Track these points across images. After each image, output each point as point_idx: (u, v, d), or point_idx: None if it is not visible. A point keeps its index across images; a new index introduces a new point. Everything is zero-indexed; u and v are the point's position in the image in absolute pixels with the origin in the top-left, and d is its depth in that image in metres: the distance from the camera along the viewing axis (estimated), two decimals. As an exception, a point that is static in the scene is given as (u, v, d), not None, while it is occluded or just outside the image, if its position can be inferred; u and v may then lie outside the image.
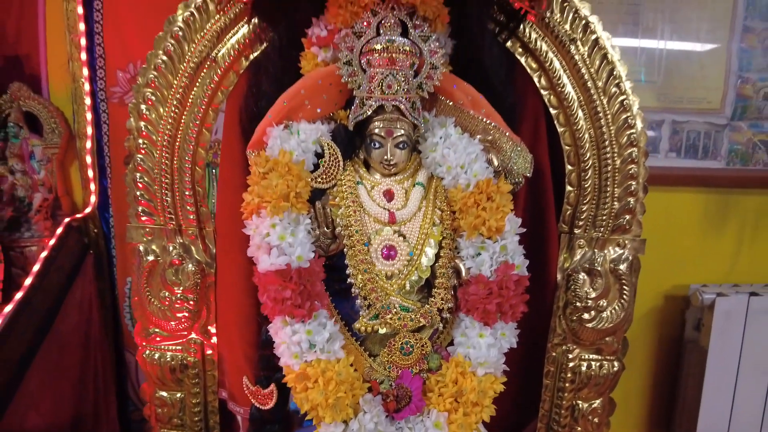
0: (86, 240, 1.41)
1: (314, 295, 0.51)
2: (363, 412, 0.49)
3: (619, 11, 1.36)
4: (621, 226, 0.72)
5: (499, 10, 0.65)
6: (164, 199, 0.70)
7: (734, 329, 1.38)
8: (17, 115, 1.40)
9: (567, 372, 0.77)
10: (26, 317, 1.21)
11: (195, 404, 0.76)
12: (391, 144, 0.57)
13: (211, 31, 0.67)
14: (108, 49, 1.40)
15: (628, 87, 0.70)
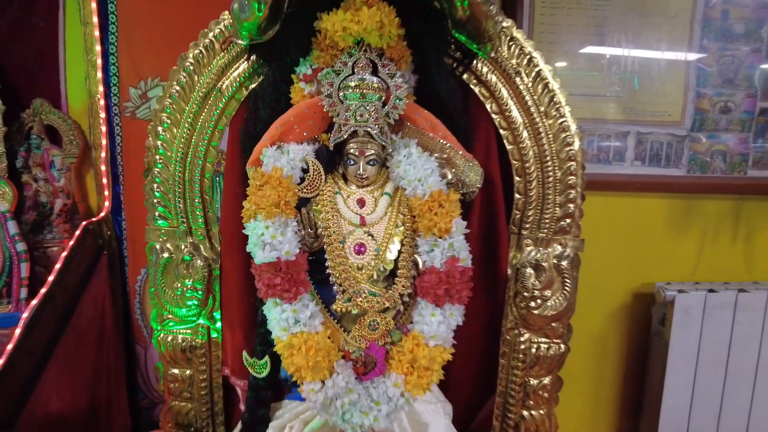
0: (101, 242, 1.55)
1: (299, 282, 0.65)
2: (336, 373, 0.62)
3: (587, 33, 1.50)
4: (563, 228, 0.86)
5: (456, 48, 0.79)
6: (177, 206, 0.84)
7: (693, 323, 1.50)
8: (39, 128, 1.54)
9: (519, 353, 0.90)
10: (49, 310, 1.34)
11: (202, 380, 0.90)
12: (363, 161, 0.71)
13: (216, 66, 0.82)
14: (121, 68, 1.54)
15: (567, 111, 0.84)
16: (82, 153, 1.56)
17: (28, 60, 1.55)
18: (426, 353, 0.65)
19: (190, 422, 0.93)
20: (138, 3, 1.48)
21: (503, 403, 0.93)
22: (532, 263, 0.86)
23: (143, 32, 1.50)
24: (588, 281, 1.59)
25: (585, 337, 1.64)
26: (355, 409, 0.61)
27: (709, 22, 1.48)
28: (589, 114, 1.52)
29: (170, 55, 1.46)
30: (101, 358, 1.51)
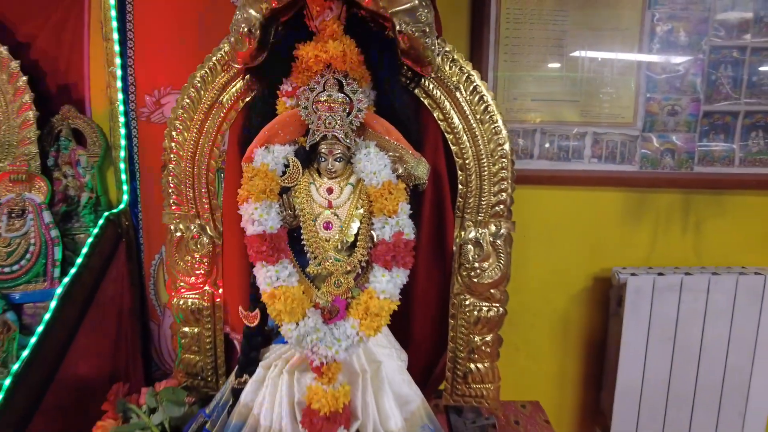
0: (120, 230, 1.76)
1: (280, 250, 0.87)
2: (308, 317, 0.84)
3: (547, 45, 1.70)
4: (497, 212, 1.07)
5: (408, 69, 1.01)
6: (187, 195, 1.07)
7: (644, 303, 1.70)
8: (67, 131, 1.76)
9: (465, 315, 1.12)
10: (77, 288, 1.56)
11: (207, 336, 1.13)
12: (332, 159, 0.93)
13: (218, 84, 1.04)
14: (138, 78, 1.76)
15: (500, 118, 1.05)
16: (104, 153, 1.79)
17: (58, 72, 1.78)
18: (377, 303, 0.87)
19: (198, 372, 1.16)
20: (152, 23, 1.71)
21: (453, 358, 1.15)
22: (472, 241, 1.08)
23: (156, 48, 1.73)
24: (552, 267, 1.81)
25: (551, 317, 1.85)
26: (321, 343, 0.84)
27: (656, 35, 1.68)
28: (550, 117, 1.73)
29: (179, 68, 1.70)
30: (120, 332, 1.73)
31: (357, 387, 0.88)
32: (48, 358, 1.43)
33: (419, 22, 0.88)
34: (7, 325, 1.36)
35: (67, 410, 1.46)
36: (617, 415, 1.75)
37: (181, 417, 1.06)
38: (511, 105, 1.71)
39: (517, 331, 1.86)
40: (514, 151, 1.08)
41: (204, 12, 1.67)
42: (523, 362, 1.87)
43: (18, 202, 1.52)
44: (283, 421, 0.86)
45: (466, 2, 1.69)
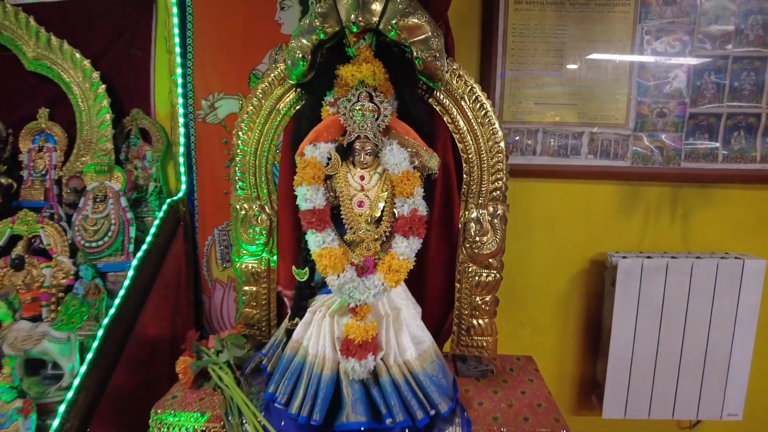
0: (179, 215, 2.11)
1: (325, 221, 1.19)
2: (345, 271, 1.16)
3: (548, 55, 1.98)
4: (494, 197, 1.37)
5: (424, 84, 1.32)
6: (250, 181, 1.40)
7: (633, 283, 1.95)
8: (136, 130, 2.12)
9: (468, 280, 1.42)
10: (147, 261, 1.89)
11: (263, 294, 1.46)
12: (363, 153, 1.24)
13: (276, 95, 1.37)
14: (195, 85, 2.10)
15: (496, 121, 1.35)
16: (166, 148, 2.14)
17: (128, 80, 2.14)
18: (397, 263, 1.18)
19: (255, 323, 1.49)
20: (208, 39, 2.05)
21: (458, 315, 1.45)
22: (474, 219, 1.38)
23: (211, 59, 2.08)
24: (553, 251, 2.09)
25: (552, 296, 2.13)
26: (356, 291, 1.15)
27: (646, 46, 1.94)
28: (551, 118, 2.01)
29: (230, 76, 2.06)
30: (178, 301, 2.07)
31: (382, 326, 1.20)
32: (126, 317, 1.78)
33: (431, 49, 1.19)
34: (98, 289, 1.72)
35: (140, 361, 1.80)
36: (610, 383, 2.02)
37: (241, 357, 1.39)
38: (517, 108, 2.00)
39: (523, 310, 2.15)
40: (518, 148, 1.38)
41: (251, 29, 2.01)
42: (528, 337, 2.15)
43: (101, 189, 1.87)
44: (326, 350, 1.18)
45: (477, 18, 1.98)
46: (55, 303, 1.73)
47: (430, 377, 1.19)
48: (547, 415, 1.23)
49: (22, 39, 2.01)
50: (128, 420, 1.65)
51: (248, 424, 1.18)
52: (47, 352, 1.57)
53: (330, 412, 1.16)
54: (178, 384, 1.35)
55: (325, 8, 1.20)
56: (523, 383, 1.38)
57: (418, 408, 1.15)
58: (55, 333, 1.57)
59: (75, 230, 1.85)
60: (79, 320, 1.62)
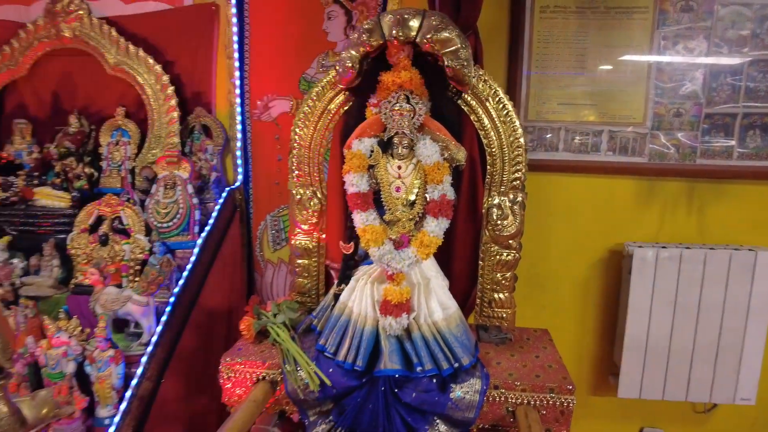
0: (236, 202, 2.40)
1: (368, 203, 1.44)
2: (384, 244, 1.41)
3: (571, 60, 2.18)
4: (514, 186, 1.59)
5: (453, 87, 1.55)
6: (305, 170, 1.67)
7: (648, 270, 2.13)
8: (199, 126, 2.42)
9: (490, 258, 1.65)
10: (209, 241, 2.19)
11: (314, 267, 1.73)
12: (401, 147, 1.48)
13: (327, 97, 1.63)
14: (251, 87, 2.39)
15: (516, 120, 1.57)
16: (225, 143, 2.44)
17: (193, 82, 2.45)
18: (428, 239, 1.42)
19: (306, 292, 1.76)
20: (263, 46, 2.34)
21: (481, 289, 1.68)
22: (496, 205, 1.60)
23: (265, 64, 2.36)
24: (574, 240, 2.29)
25: (572, 282, 2.33)
26: (393, 261, 1.40)
27: (663, 50, 2.12)
28: (573, 117, 2.21)
29: (282, 79, 2.34)
30: (234, 278, 2.37)
31: (414, 292, 1.44)
32: (192, 288, 2.08)
33: (460, 58, 1.42)
34: (169, 262, 2.02)
35: (203, 325, 2.09)
36: (625, 365, 2.20)
37: (294, 319, 1.65)
38: (541, 108, 2.21)
39: (544, 293, 2.35)
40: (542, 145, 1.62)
41: (301, 37, 2.29)
42: (549, 319, 2.35)
43: (171, 177, 2.18)
44: (368, 309, 1.43)
45: (505, 25, 2.20)
46: (133, 274, 2.05)
47: (455, 336, 1.43)
48: (556, 374, 1.45)
49: (105, 47, 2.34)
50: (193, 373, 1.96)
51: (302, 371, 1.45)
52: (130, 313, 1.89)
53: (370, 361, 1.41)
54: (242, 340, 1.63)
55: (371, 25, 1.45)
56: (537, 350, 1.60)
57: (443, 360, 1.39)
58: (137, 297, 1.88)
59: (149, 213, 2.16)
60: (156, 288, 1.93)
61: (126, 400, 1.67)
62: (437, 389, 1.38)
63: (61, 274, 2.08)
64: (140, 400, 1.74)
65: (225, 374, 1.53)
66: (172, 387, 1.88)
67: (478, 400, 1.38)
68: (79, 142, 2.36)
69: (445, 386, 1.39)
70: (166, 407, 1.84)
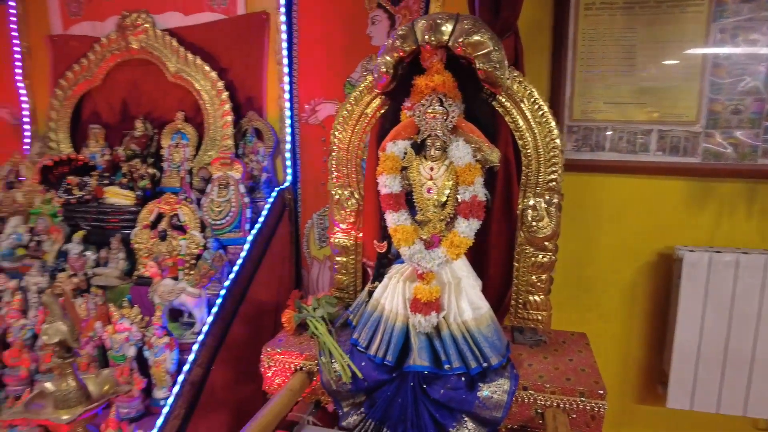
0: (285, 201, 2.51)
1: (400, 204, 1.49)
2: (415, 243, 1.45)
3: (618, 57, 2.12)
4: (550, 187, 1.58)
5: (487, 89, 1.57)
6: (343, 171, 1.74)
7: (700, 276, 2.04)
8: (251, 130, 2.55)
9: (525, 260, 1.64)
10: (259, 239, 2.30)
11: (351, 264, 1.79)
12: (433, 149, 1.52)
13: (365, 101, 1.69)
14: (300, 91, 2.50)
15: (552, 121, 1.55)
16: (275, 145, 2.56)
17: (245, 87, 2.58)
18: (458, 239, 1.44)
19: (344, 288, 1.83)
20: (310, 52, 2.43)
21: (516, 291, 1.68)
22: (531, 206, 1.60)
23: (313, 70, 2.46)
24: (621, 243, 2.24)
25: (619, 285, 2.27)
26: (423, 260, 1.44)
27: (721, 44, 2.01)
28: (620, 117, 2.14)
29: (328, 84, 2.43)
30: (283, 273, 2.48)
31: (444, 291, 1.47)
32: (242, 282, 2.20)
33: (492, 61, 1.44)
34: (221, 258, 2.16)
35: (251, 317, 2.21)
36: (675, 373, 2.12)
37: (332, 313, 1.72)
38: (586, 107, 2.16)
39: (590, 296, 2.31)
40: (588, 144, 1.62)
41: (346, 43, 2.37)
42: (595, 322, 2.30)
43: (224, 178, 2.32)
44: (399, 307, 1.48)
45: (549, 24, 2.17)
46: (188, 267, 2.20)
47: (484, 336, 1.45)
48: (588, 378, 1.43)
49: (166, 56, 2.52)
50: (240, 362, 2.08)
51: (336, 363, 1.52)
52: (184, 304, 2.04)
53: (400, 356, 1.46)
54: (283, 331, 1.72)
55: (404, 31, 1.49)
56: (572, 353, 1.58)
57: (471, 358, 1.41)
58: (190, 289, 2.03)
59: (204, 210, 2.31)
60: (208, 281, 2.07)
61: (179, 384, 1.81)
62: (465, 387, 1.41)
63: (126, 266, 2.27)
64: (191, 384, 1.87)
65: (266, 363, 1.63)
66: (221, 374, 2.01)
67: (506, 400, 1.40)
68: (143, 145, 2.56)
69: (474, 385, 1.41)
70: (216, 393, 1.98)
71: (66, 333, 1.30)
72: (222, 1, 2.51)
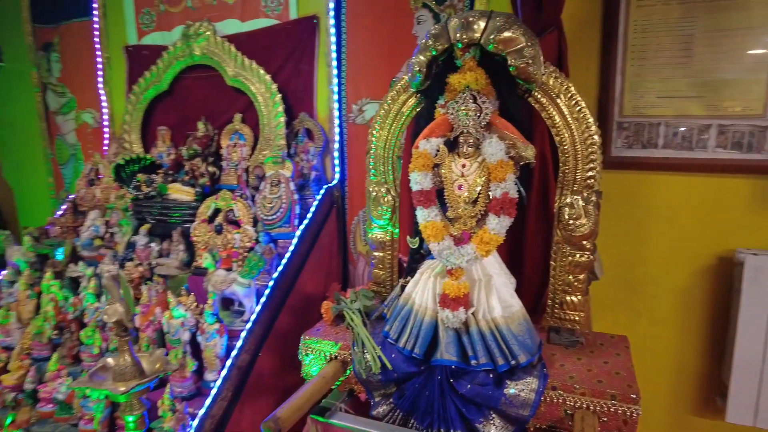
0: (332, 198, 2.59)
1: (431, 200, 1.51)
2: (444, 239, 1.46)
3: (673, 49, 2.02)
4: (588, 184, 1.53)
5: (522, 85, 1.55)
6: (380, 169, 1.78)
7: (764, 280, 1.91)
8: (302, 130, 2.66)
9: (562, 259, 1.60)
10: (307, 234, 2.39)
11: (388, 259, 1.83)
12: (466, 146, 1.52)
13: (400, 100, 1.72)
14: (348, 92, 2.56)
15: (590, 117, 1.51)
16: (324, 145, 2.65)
17: (297, 90, 2.69)
18: (488, 236, 1.44)
19: (381, 282, 1.87)
20: (357, 55, 2.49)
21: (553, 290, 1.64)
22: (568, 204, 1.56)
23: (360, 70, 2.51)
24: (674, 244, 2.13)
25: (673, 288, 2.16)
26: (452, 256, 1.45)
27: (792, 31, 1.86)
28: (675, 111, 2.04)
29: (375, 85, 2.48)
30: (330, 267, 2.56)
31: (474, 288, 1.47)
32: (290, 274, 2.30)
33: (524, 56, 1.42)
34: (271, 251, 2.27)
35: (298, 309, 2.31)
36: (735, 386, 1.99)
37: (369, 306, 1.77)
38: (638, 102, 2.07)
39: (640, 299, 2.21)
40: (639, 141, 1.55)
41: (392, 43, 2.41)
42: (645, 327, 2.20)
43: (276, 176, 2.44)
44: (428, 301, 1.50)
45: (598, 16, 2.10)
46: (242, 259, 2.33)
47: (514, 334, 1.44)
48: (621, 381, 1.38)
49: (225, 61, 2.68)
50: (287, 351, 2.17)
51: (368, 354, 1.56)
52: (235, 293, 2.16)
53: (430, 350, 1.48)
54: (321, 321, 1.79)
55: (437, 30, 1.51)
56: (608, 356, 1.53)
57: (499, 355, 1.40)
58: (241, 279, 2.15)
59: (257, 206, 2.44)
60: (257, 272, 2.18)
61: (226, 368, 1.93)
62: (493, 384, 1.40)
63: (185, 257, 2.44)
64: (239, 369, 1.99)
65: (303, 350, 1.71)
66: (268, 361, 2.11)
67: (533, 398, 1.38)
68: (204, 145, 2.74)
69: (501, 382, 1.41)
70: (262, 379, 2.08)
71: (122, 314, 1.43)
72: (276, 7, 2.63)
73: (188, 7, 2.78)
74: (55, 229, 2.73)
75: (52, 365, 2.09)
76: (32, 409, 2.06)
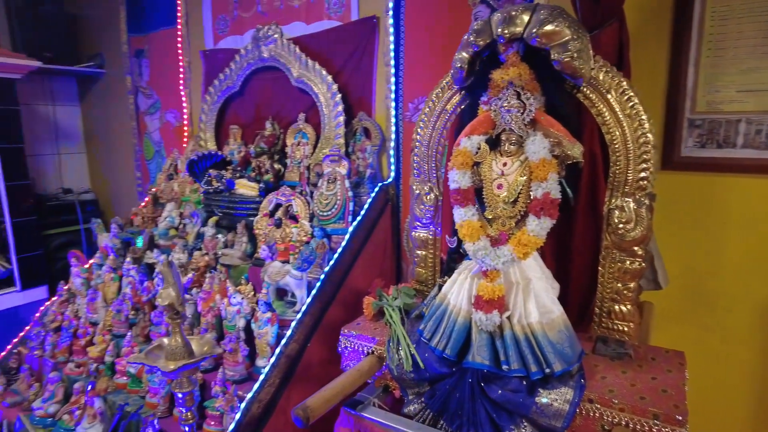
0: (387, 196, 2.60)
1: (468, 199, 1.47)
2: (480, 239, 1.42)
3: (757, 37, 1.82)
4: (640, 186, 1.42)
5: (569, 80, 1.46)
6: (424, 168, 1.76)
7: None
8: (360, 129, 2.69)
9: (611, 265, 1.50)
10: (360, 231, 2.42)
11: (430, 258, 1.81)
12: (508, 144, 1.47)
13: (444, 98, 1.69)
14: (405, 91, 2.56)
15: (643, 113, 1.39)
16: (381, 143, 2.67)
17: (356, 89, 2.73)
18: (527, 238, 1.38)
19: (423, 281, 1.86)
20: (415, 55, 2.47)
21: (601, 298, 1.54)
22: (618, 206, 1.45)
23: (417, 68, 2.49)
24: (755, 254, 1.93)
25: (752, 303, 1.96)
26: (487, 257, 1.40)
27: None
28: (758, 107, 1.83)
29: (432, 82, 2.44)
30: (383, 264, 2.57)
31: (511, 291, 1.42)
32: (341, 269, 2.34)
33: (569, 50, 1.35)
34: (324, 245, 2.33)
35: (348, 303, 2.34)
36: (825, 415, 1.75)
37: (409, 304, 1.76)
38: (713, 97, 1.89)
39: (712, 314, 2.01)
40: (714, 140, 1.50)
41: (449, 41, 2.36)
42: (717, 345, 2.00)
43: (333, 173, 2.49)
44: (463, 302, 1.46)
45: (668, 5, 1.93)
46: (297, 252, 2.41)
47: (550, 342, 1.37)
48: (668, 400, 1.27)
49: (291, 63, 2.78)
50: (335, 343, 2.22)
51: (402, 350, 1.56)
52: (288, 284, 2.24)
53: (462, 352, 1.44)
54: (362, 316, 1.81)
55: (481, 25, 1.47)
56: (658, 372, 1.41)
57: (533, 363, 1.34)
58: (294, 271, 2.23)
59: (314, 203, 2.51)
60: (308, 266, 2.25)
61: (275, 356, 2.01)
62: (525, 391, 1.35)
63: (248, 248, 2.57)
64: (287, 357, 2.06)
65: (342, 343, 1.74)
66: (316, 352, 2.17)
67: (567, 410, 1.30)
68: (271, 143, 2.87)
69: (534, 390, 1.34)
70: (310, 368, 2.14)
71: (174, 298, 1.54)
72: (338, 9, 2.69)
73: (258, 12, 2.92)
74: (138, 219, 2.99)
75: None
76: (110, 379, 2.28)
